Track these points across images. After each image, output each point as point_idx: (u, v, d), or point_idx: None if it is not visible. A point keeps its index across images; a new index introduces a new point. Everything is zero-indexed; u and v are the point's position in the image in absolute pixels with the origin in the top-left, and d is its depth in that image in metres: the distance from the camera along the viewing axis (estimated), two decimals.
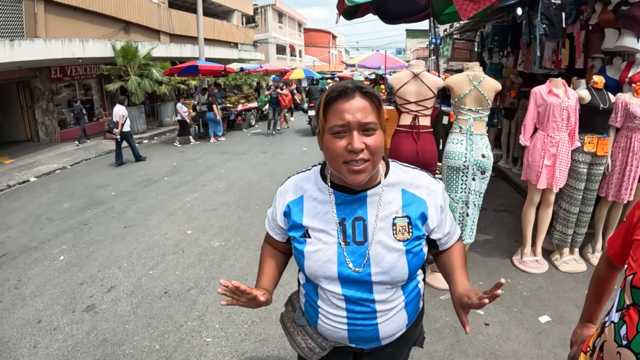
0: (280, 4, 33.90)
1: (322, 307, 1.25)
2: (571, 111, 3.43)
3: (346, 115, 1.05)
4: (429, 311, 3.13)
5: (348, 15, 5.03)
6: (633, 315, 0.95)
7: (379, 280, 1.17)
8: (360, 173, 1.08)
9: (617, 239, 1.14)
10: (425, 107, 3.27)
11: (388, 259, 1.15)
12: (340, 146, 1.07)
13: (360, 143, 1.05)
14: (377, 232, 1.16)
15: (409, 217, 1.18)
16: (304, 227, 1.22)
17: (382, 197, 1.18)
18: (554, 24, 4.06)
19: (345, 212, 1.19)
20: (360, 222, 1.17)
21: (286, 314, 1.44)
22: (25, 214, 6.24)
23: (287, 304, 1.47)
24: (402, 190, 1.20)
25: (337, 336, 1.26)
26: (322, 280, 1.20)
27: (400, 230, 1.16)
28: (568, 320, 2.95)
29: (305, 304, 1.34)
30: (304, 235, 1.21)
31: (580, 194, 3.65)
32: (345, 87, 1.08)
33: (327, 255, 1.17)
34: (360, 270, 1.16)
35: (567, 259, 3.79)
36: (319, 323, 1.28)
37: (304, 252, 1.20)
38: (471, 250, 4.01)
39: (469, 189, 3.30)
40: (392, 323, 1.24)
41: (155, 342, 2.97)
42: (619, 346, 0.97)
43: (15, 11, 11.29)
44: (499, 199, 5.70)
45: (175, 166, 9.10)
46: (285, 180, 1.33)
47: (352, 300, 1.19)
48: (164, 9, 18.32)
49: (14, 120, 13.30)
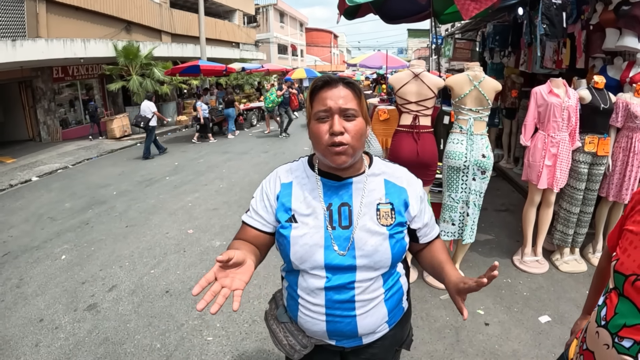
0: (281, 4, 33.92)
1: (302, 296, 1.26)
2: (572, 111, 3.43)
3: (328, 102, 1.16)
4: (429, 311, 3.14)
5: (349, 15, 5.03)
6: (613, 297, 1.01)
7: (362, 263, 1.21)
8: (341, 154, 1.16)
9: (615, 232, 1.18)
10: (426, 107, 3.27)
11: (371, 242, 1.21)
12: (323, 130, 1.17)
13: (340, 126, 1.14)
14: (362, 217, 1.22)
15: (392, 204, 1.26)
16: (291, 211, 1.25)
17: (366, 185, 1.26)
18: (554, 23, 4.06)
19: (332, 198, 1.25)
20: (346, 208, 1.24)
21: (269, 312, 1.45)
22: (27, 214, 6.26)
23: (271, 302, 1.48)
24: (385, 180, 1.29)
25: (315, 329, 1.27)
26: (307, 265, 1.22)
27: (384, 216, 1.24)
28: (568, 320, 2.95)
29: (287, 297, 1.35)
30: (289, 220, 1.24)
31: (581, 194, 3.65)
32: (330, 77, 1.20)
33: (315, 239, 1.21)
34: (345, 254, 1.20)
35: (568, 259, 3.80)
36: (299, 315, 1.29)
37: (290, 237, 1.22)
38: (471, 250, 4.01)
39: (470, 189, 3.30)
40: (371, 316, 1.26)
41: (157, 341, 2.98)
42: (598, 326, 1.04)
43: (17, 11, 11.32)
44: (500, 199, 5.71)
45: (176, 166, 9.12)
46: (272, 171, 1.37)
47: (332, 287, 1.21)
48: (166, 9, 18.35)
49: (16, 120, 13.33)
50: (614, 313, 1.00)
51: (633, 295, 0.96)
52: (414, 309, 3.12)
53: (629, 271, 0.98)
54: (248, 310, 3.29)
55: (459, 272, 1.25)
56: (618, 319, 0.98)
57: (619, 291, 1.00)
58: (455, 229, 3.40)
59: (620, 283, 1.00)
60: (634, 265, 0.97)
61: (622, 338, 0.96)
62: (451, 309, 3.13)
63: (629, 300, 0.97)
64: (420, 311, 3.13)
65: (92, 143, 12.61)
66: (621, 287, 0.99)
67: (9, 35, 10.69)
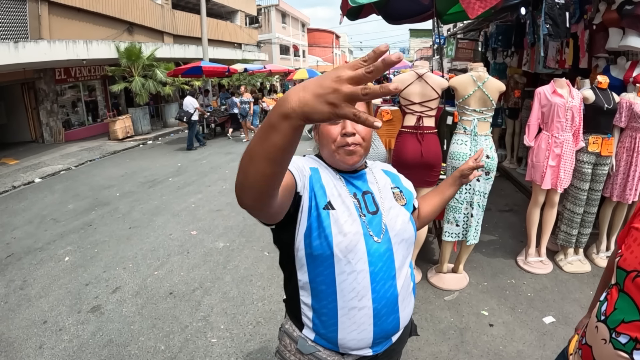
0: (283, 4, 33.93)
1: (346, 301, 1.17)
2: (575, 111, 3.43)
3: None
4: (433, 312, 3.13)
5: (352, 16, 5.03)
6: (614, 293, 1.03)
7: (397, 242, 1.24)
8: (354, 154, 1.22)
9: (624, 231, 1.19)
10: (430, 107, 3.26)
11: (399, 221, 1.27)
12: (335, 131, 1.22)
13: (352, 127, 1.20)
14: (385, 200, 1.29)
15: (398, 187, 1.38)
16: (326, 196, 1.18)
17: (374, 176, 1.35)
18: (557, 23, 4.05)
19: (354, 188, 1.28)
20: (369, 195, 1.28)
21: (286, 348, 1.30)
22: (31, 215, 6.27)
23: (282, 337, 1.33)
24: (383, 170, 1.42)
25: (361, 337, 1.20)
26: (352, 256, 1.15)
27: (398, 197, 1.34)
28: (572, 321, 2.95)
29: (315, 318, 1.23)
30: (327, 207, 1.17)
31: (585, 195, 3.64)
32: None
33: (354, 227, 1.17)
34: (381, 240, 1.21)
35: (572, 259, 3.78)
36: (340, 329, 1.20)
37: (332, 225, 1.14)
38: (475, 251, 4.00)
39: (474, 190, 3.30)
40: (407, 307, 1.29)
41: (161, 342, 2.99)
42: (598, 321, 1.05)
43: (19, 13, 11.35)
44: (504, 199, 5.69)
45: (179, 167, 9.13)
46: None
47: (377, 280, 1.18)
48: (168, 10, 18.38)
49: (18, 121, 13.35)
50: (613, 308, 1.01)
51: (633, 292, 0.96)
52: (418, 310, 3.13)
53: (630, 267, 0.99)
54: (252, 312, 3.29)
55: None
56: (617, 315, 0.99)
57: (620, 287, 1.01)
58: (459, 229, 3.40)
59: (621, 279, 1.01)
60: (635, 262, 0.98)
61: (619, 334, 0.97)
62: (455, 310, 3.13)
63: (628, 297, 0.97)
64: (425, 312, 3.13)
65: (95, 144, 12.63)
66: (622, 282, 1.00)
67: (12, 37, 10.72)
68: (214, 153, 10.63)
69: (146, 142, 13.27)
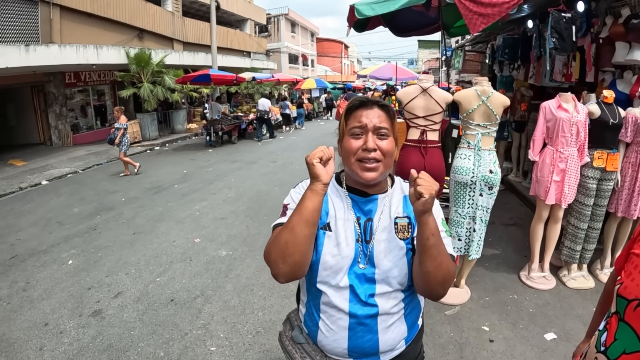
0: (293, 14, 34.22)
1: (325, 311, 1.26)
2: (580, 126, 3.41)
3: (364, 119, 1.24)
4: (433, 326, 3.11)
5: (359, 28, 5.07)
6: (613, 323, 1.00)
7: (381, 278, 1.22)
8: (372, 171, 1.22)
9: (623, 254, 1.16)
10: (434, 121, 3.27)
11: (389, 257, 1.23)
12: (356, 145, 1.23)
13: (373, 143, 1.21)
14: (381, 231, 1.26)
15: (409, 217, 1.28)
16: (327, 217, 1.27)
17: (388, 202, 1.30)
18: (564, 37, 4.04)
19: (360, 212, 1.28)
20: (370, 223, 1.27)
21: (284, 333, 1.44)
22: (36, 217, 6.33)
23: (285, 323, 1.48)
24: (404, 197, 1.33)
25: (337, 347, 1.26)
26: (332, 276, 1.23)
27: (401, 229, 1.26)
28: (574, 338, 2.91)
29: (306, 315, 1.34)
30: (324, 228, 1.25)
31: (589, 210, 3.62)
32: (366, 99, 1.28)
33: (346, 251, 1.23)
34: (365, 267, 1.23)
35: (575, 275, 3.75)
36: (319, 333, 1.28)
37: (324, 244, 1.24)
38: (478, 265, 3.98)
39: (476, 205, 3.28)
40: (392, 332, 1.26)
41: (160, 349, 2.99)
42: (598, 352, 1.02)
43: (30, 17, 11.55)
44: (508, 213, 5.66)
45: (185, 174, 9.18)
46: (302, 181, 1.37)
47: (355, 300, 1.22)
48: (178, 18, 18.62)
49: (27, 123, 13.53)
50: (613, 339, 0.98)
51: (634, 322, 0.93)
52: None
53: (631, 296, 0.96)
54: (252, 321, 3.29)
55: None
56: (618, 346, 0.96)
57: (620, 316, 0.98)
58: (461, 244, 3.38)
59: (621, 308, 0.98)
60: (636, 290, 0.95)
61: None
62: (455, 325, 3.10)
63: (629, 327, 0.95)
64: (425, 326, 3.06)
65: (103, 149, 12.74)
66: (622, 312, 0.97)
67: (23, 40, 10.90)
68: (220, 161, 10.68)
69: (153, 148, 13.37)
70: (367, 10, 3.73)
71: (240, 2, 24.48)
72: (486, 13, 3.16)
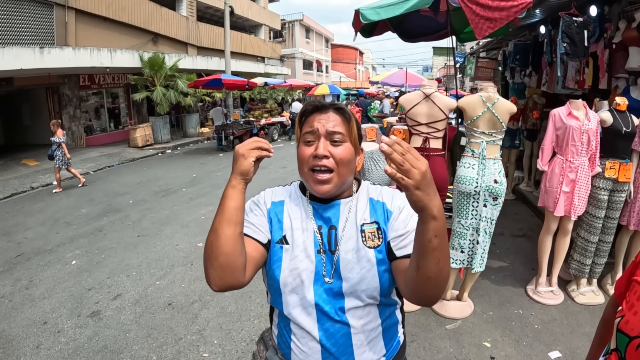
0: (307, 20, 34.37)
1: (295, 331, 1.17)
2: (592, 135, 3.29)
3: (316, 124, 1.14)
4: (432, 341, 3.00)
5: (366, 33, 5.01)
6: None
7: (349, 291, 1.13)
8: (325, 184, 1.12)
9: (623, 280, 1.06)
10: (437, 129, 3.18)
11: (357, 269, 1.13)
12: (307, 152, 1.13)
13: (324, 150, 1.11)
14: (347, 240, 1.16)
15: (377, 223, 1.17)
16: (282, 230, 1.19)
17: (352, 207, 1.20)
18: (575, 42, 3.91)
19: (321, 221, 1.19)
20: (333, 231, 1.18)
21: (258, 353, 1.36)
22: (44, 217, 6.40)
23: (259, 343, 1.40)
24: (369, 199, 1.22)
25: None
26: (296, 292, 1.14)
27: (370, 237, 1.15)
28: (580, 356, 2.78)
29: (278, 336, 1.26)
30: (281, 241, 1.18)
31: (600, 222, 3.47)
32: (320, 103, 1.20)
33: (305, 264, 1.15)
34: (332, 280, 1.14)
35: (585, 290, 3.60)
36: (292, 353, 1.20)
37: (282, 259, 1.16)
38: (483, 277, 3.85)
39: (480, 216, 3.15)
40: (369, 351, 1.17)
41: (153, 353, 2.96)
42: None
43: (46, 19, 11.80)
44: (518, 224, 5.51)
45: (194, 178, 9.21)
46: (261, 191, 1.31)
47: (324, 317, 1.14)
48: (193, 22, 18.82)
49: (41, 124, 13.74)
50: None
51: None
52: (417, 338, 3.01)
53: (634, 332, 0.86)
54: (247, 328, 3.23)
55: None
56: None
57: (620, 354, 0.88)
58: (464, 256, 3.26)
59: (622, 345, 0.87)
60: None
61: None
62: (456, 340, 2.99)
63: None
64: (424, 340, 3.00)
65: (115, 150, 12.90)
66: (623, 350, 0.87)
67: (38, 42, 11.12)
68: (230, 165, 10.62)
69: (165, 151, 13.49)
70: (372, 15, 3.67)
71: (254, 8, 24.69)
72: (493, 17, 3.07)
